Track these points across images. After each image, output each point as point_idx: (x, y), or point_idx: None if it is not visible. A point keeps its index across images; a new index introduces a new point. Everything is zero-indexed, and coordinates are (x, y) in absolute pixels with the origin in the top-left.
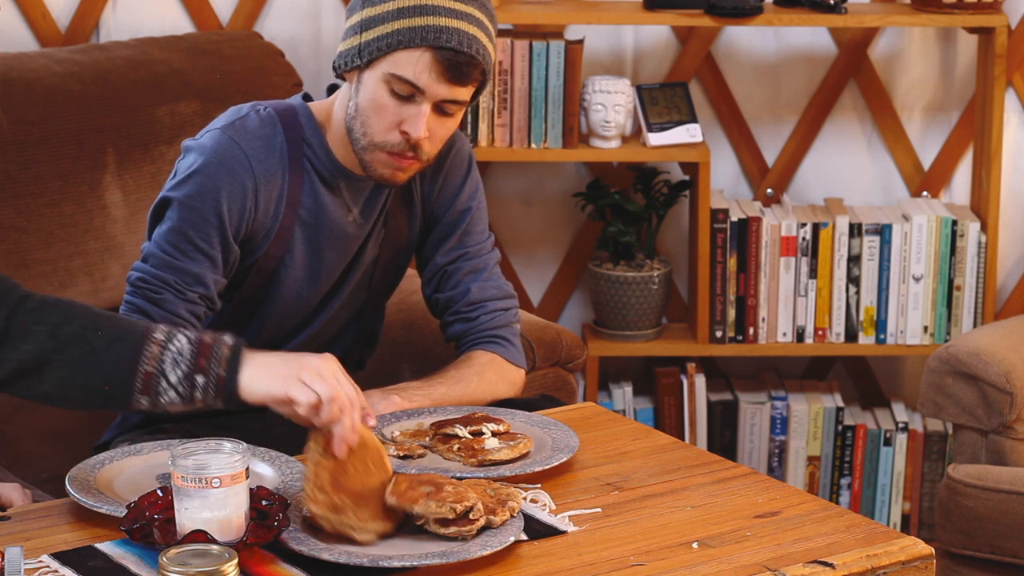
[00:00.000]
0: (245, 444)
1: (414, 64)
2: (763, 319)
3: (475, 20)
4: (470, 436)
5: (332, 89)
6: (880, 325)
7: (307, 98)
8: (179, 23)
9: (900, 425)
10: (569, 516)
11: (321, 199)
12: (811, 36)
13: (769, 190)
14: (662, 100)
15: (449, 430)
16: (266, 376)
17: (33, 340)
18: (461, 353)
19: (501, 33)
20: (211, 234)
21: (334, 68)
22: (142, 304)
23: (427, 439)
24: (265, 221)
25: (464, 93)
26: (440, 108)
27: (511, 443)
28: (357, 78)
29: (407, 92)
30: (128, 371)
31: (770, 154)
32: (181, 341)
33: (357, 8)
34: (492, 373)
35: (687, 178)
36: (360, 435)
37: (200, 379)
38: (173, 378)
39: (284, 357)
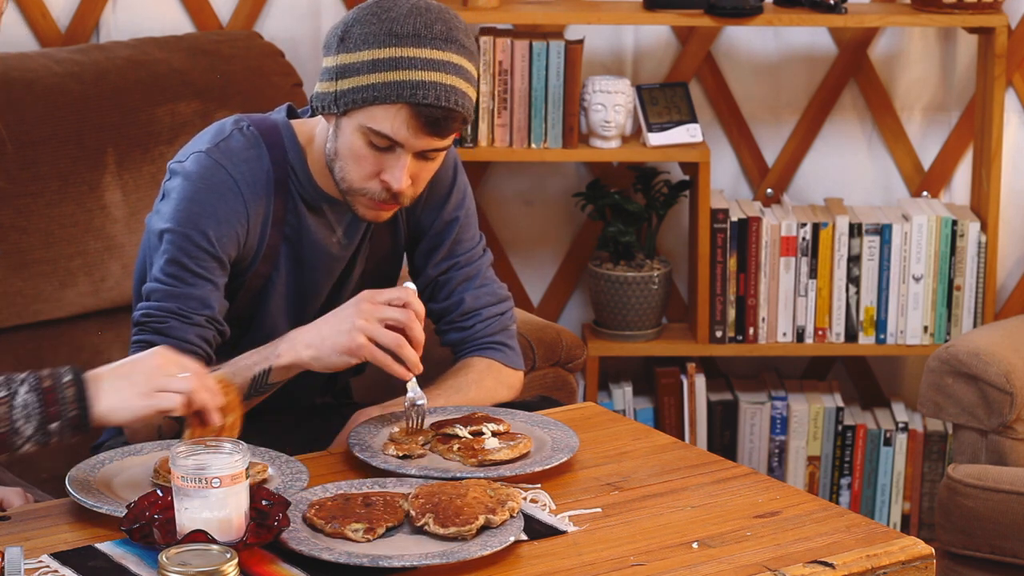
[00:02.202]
0: (245, 444)
1: (391, 120)
2: (763, 319)
3: (452, 68)
4: (470, 436)
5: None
6: (880, 325)
7: (291, 111)
8: (179, 23)
9: (900, 425)
10: (569, 516)
11: (304, 220)
12: (811, 36)
13: (769, 190)
14: (662, 100)
15: (449, 430)
16: (124, 400)
17: None
18: (458, 360)
19: (501, 33)
20: (206, 259)
21: (312, 107)
22: (149, 338)
23: (427, 439)
24: (254, 242)
25: (444, 142)
26: (421, 154)
27: (511, 443)
28: (335, 122)
29: (385, 145)
30: None
31: (770, 154)
32: (24, 392)
33: (333, 49)
34: (490, 380)
35: (687, 178)
36: None
37: (54, 426)
38: (28, 432)
39: (123, 372)
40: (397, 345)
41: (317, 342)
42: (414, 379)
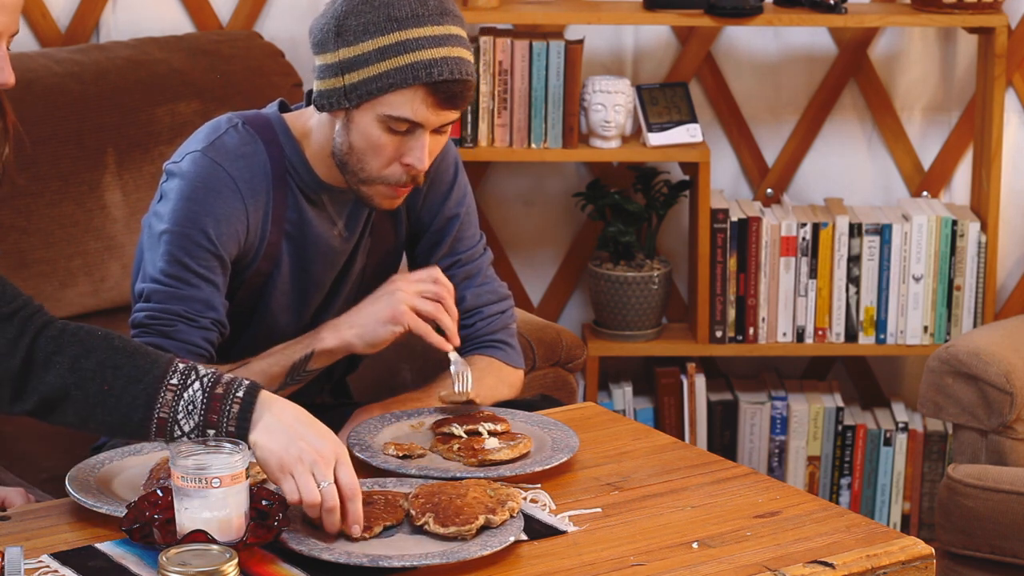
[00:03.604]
0: (245, 444)
1: (409, 102)
2: (763, 319)
3: (455, 39)
4: (465, 435)
5: (311, 95)
6: (880, 325)
7: (283, 106)
8: (179, 23)
9: (900, 425)
10: (569, 516)
11: (305, 215)
12: (811, 36)
13: (769, 190)
14: (662, 100)
15: (447, 428)
16: (269, 448)
17: (55, 372)
18: None
19: (501, 33)
20: (207, 258)
21: (315, 106)
22: (156, 341)
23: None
24: (254, 240)
25: (458, 113)
26: (435, 129)
27: (511, 443)
28: (345, 116)
29: (405, 128)
30: (143, 415)
31: (770, 154)
32: (195, 389)
33: (330, 46)
34: (491, 378)
35: (687, 178)
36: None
37: (211, 432)
38: (187, 427)
39: (291, 429)
40: (437, 311)
41: (359, 320)
42: (453, 349)
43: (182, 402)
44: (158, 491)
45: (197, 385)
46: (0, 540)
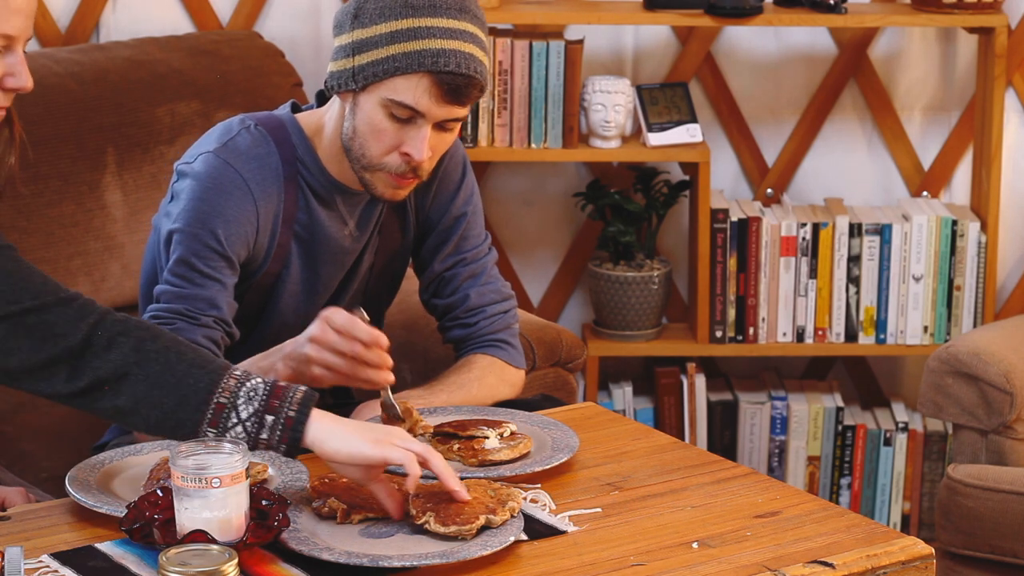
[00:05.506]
0: (245, 444)
1: (413, 89)
2: (763, 319)
3: (469, 36)
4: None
5: (321, 96)
6: (880, 325)
7: (295, 107)
8: (179, 23)
9: (900, 425)
10: (569, 516)
11: (316, 215)
12: (811, 36)
13: (769, 190)
14: (662, 100)
15: (449, 430)
16: (351, 436)
17: (118, 351)
18: (460, 357)
19: (501, 33)
20: (214, 258)
21: (326, 87)
22: None
23: (426, 437)
24: (264, 241)
25: (463, 111)
26: (439, 125)
27: (511, 443)
28: (352, 100)
29: (406, 116)
30: (202, 398)
31: (770, 154)
32: (256, 381)
33: (347, 27)
34: (492, 377)
35: (687, 178)
36: None
37: (270, 418)
38: (244, 413)
39: (354, 425)
40: (351, 368)
41: (296, 366)
42: (386, 389)
43: (244, 388)
44: (158, 491)
45: (259, 379)
46: (0, 540)
